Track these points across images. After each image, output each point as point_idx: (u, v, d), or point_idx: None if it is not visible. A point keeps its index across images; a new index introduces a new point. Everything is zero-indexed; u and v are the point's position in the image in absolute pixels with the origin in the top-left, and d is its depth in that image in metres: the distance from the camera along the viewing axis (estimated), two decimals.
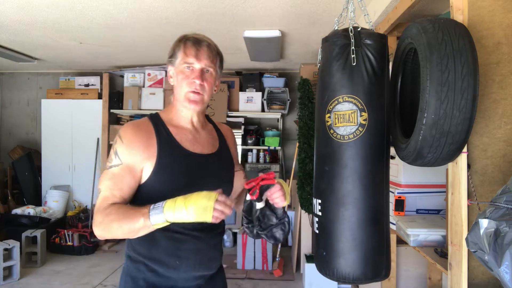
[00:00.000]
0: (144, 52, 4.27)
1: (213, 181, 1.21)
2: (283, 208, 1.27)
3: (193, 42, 1.22)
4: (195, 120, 1.29)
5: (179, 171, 1.19)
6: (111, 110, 5.12)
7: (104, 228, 1.08)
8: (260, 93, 4.98)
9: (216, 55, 1.27)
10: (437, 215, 2.19)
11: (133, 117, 5.23)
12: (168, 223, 1.04)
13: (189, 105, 1.22)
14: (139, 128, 1.19)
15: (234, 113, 4.98)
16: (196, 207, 0.99)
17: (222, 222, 1.30)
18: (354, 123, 1.36)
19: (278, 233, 1.26)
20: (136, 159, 1.14)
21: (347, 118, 1.37)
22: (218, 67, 1.28)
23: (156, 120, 1.24)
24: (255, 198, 1.21)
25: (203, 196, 1.01)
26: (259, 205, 1.24)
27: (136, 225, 1.04)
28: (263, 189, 1.22)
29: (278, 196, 1.20)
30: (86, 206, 5.08)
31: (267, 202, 1.25)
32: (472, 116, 1.17)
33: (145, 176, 1.16)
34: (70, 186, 5.20)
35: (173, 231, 1.16)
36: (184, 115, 1.27)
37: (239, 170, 1.43)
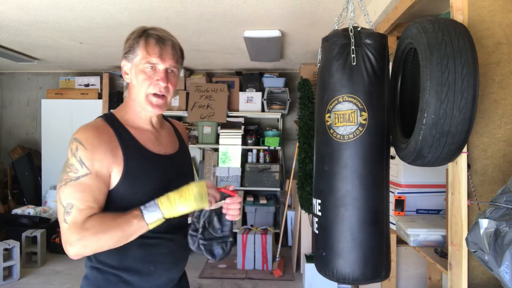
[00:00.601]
0: None
1: (180, 180, 1.14)
2: (231, 226, 1.23)
3: (156, 40, 1.12)
4: (154, 120, 1.23)
5: (148, 174, 1.13)
6: (111, 110, 5.10)
7: (86, 244, 1.00)
8: (260, 93, 4.98)
9: (180, 55, 1.19)
10: (437, 215, 2.19)
11: None
12: (163, 220, 1.03)
13: (152, 109, 1.15)
14: (100, 131, 1.10)
15: (234, 113, 4.98)
16: (195, 197, 1.02)
17: (186, 220, 1.30)
18: (354, 123, 1.36)
19: (217, 250, 1.21)
20: (104, 165, 1.06)
21: (347, 118, 1.37)
22: (180, 65, 1.21)
23: (113, 121, 1.16)
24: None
25: (195, 186, 1.05)
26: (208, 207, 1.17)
27: (130, 229, 1.00)
28: (221, 197, 1.18)
29: (234, 208, 1.17)
30: None
31: (217, 212, 1.21)
32: (472, 116, 1.17)
33: (113, 182, 1.08)
34: None
35: (144, 237, 1.09)
36: (143, 116, 1.19)
37: None
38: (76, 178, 1.04)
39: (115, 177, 1.08)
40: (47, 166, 5.22)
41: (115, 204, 1.09)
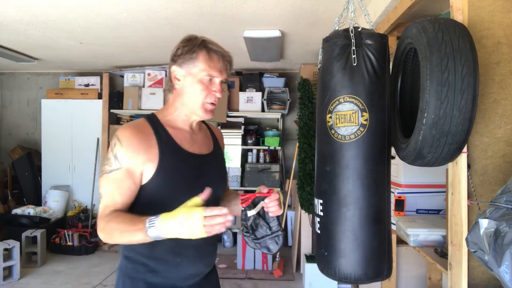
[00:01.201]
0: (144, 52, 4.27)
1: (211, 180, 1.25)
2: (278, 221, 1.29)
3: (218, 55, 1.24)
4: (194, 123, 1.31)
5: (181, 172, 1.20)
6: (111, 110, 5.13)
7: (107, 234, 1.10)
8: (260, 93, 4.98)
9: (230, 68, 1.30)
10: (437, 215, 2.19)
11: (133, 117, 5.23)
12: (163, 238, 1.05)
13: (206, 115, 1.25)
14: (138, 130, 1.17)
15: (234, 113, 4.98)
16: (188, 229, 0.99)
17: None
18: (355, 123, 1.36)
19: (272, 245, 1.28)
20: (137, 162, 1.14)
21: (348, 118, 1.37)
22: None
23: (153, 121, 1.24)
24: (245, 206, 1.25)
25: (189, 215, 0.99)
26: (250, 213, 1.25)
27: (135, 238, 1.06)
28: (258, 199, 1.26)
29: (273, 205, 1.23)
30: (86, 206, 5.08)
31: (261, 213, 1.28)
32: (472, 116, 1.17)
33: (146, 178, 1.16)
34: (70, 186, 5.20)
35: None
36: (185, 118, 1.27)
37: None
38: (109, 171, 1.14)
39: (149, 173, 1.15)
40: (47, 166, 5.22)
41: (145, 198, 1.17)
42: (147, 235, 1.03)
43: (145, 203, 1.16)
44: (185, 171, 1.21)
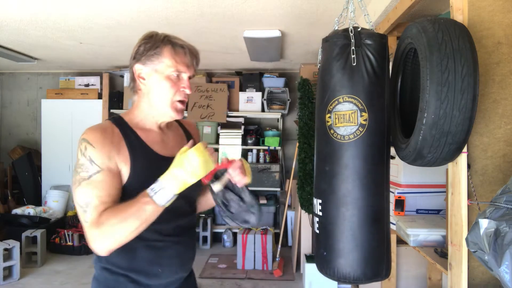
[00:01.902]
0: None
1: None
2: (248, 190, 1.21)
3: (183, 49, 1.17)
4: (163, 123, 1.25)
5: (153, 175, 1.10)
6: (111, 110, 5.13)
7: (106, 237, 1.01)
8: (260, 93, 4.98)
9: (197, 62, 1.23)
10: (437, 215, 2.19)
11: None
12: (176, 196, 1.03)
13: (176, 115, 1.18)
14: (107, 131, 1.11)
15: (234, 113, 4.98)
16: (200, 165, 1.00)
17: (194, 222, 1.34)
18: (355, 123, 1.36)
19: (248, 217, 1.21)
20: (113, 162, 1.08)
21: (347, 118, 1.37)
22: None
23: (121, 123, 1.17)
24: (207, 181, 1.15)
25: (196, 154, 1.01)
26: (215, 188, 1.17)
27: (145, 215, 1.00)
28: (221, 172, 1.17)
29: (236, 174, 1.14)
30: None
31: (230, 186, 1.20)
32: (472, 116, 1.17)
33: (122, 180, 1.11)
34: (70, 186, 5.20)
35: (152, 240, 1.13)
36: (153, 120, 1.21)
37: None
38: (88, 177, 1.05)
39: (124, 175, 1.10)
40: (47, 166, 5.22)
41: (127, 199, 1.10)
42: (156, 204, 1.00)
43: None
44: (157, 175, 1.10)
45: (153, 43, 1.15)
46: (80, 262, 4.29)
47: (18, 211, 4.65)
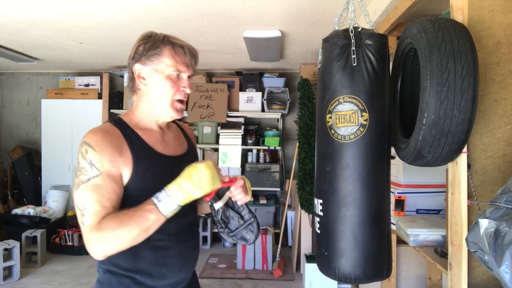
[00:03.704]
0: None
1: None
2: (248, 209, 1.25)
3: (183, 49, 1.18)
4: (163, 123, 1.26)
5: (157, 175, 1.13)
6: (111, 110, 5.13)
7: (105, 243, 1.00)
8: (260, 93, 4.98)
9: (196, 62, 1.25)
10: (437, 215, 2.19)
11: None
12: (179, 208, 1.04)
13: (176, 114, 1.19)
14: (108, 133, 1.10)
15: (234, 113, 4.98)
16: (207, 180, 1.02)
17: (197, 219, 1.35)
18: (355, 123, 1.36)
19: (248, 235, 1.24)
20: (114, 165, 1.07)
21: (348, 118, 1.37)
22: None
23: (121, 124, 1.17)
24: (209, 199, 1.19)
25: (203, 169, 1.02)
26: (217, 206, 1.20)
27: (147, 223, 1.00)
28: (223, 190, 1.20)
29: (238, 193, 1.17)
30: None
31: (230, 204, 1.24)
32: (472, 116, 1.17)
33: (124, 181, 1.10)
34: (70, 186, 5.20)
35: (156, 240, 1.12)
36: (153, 119, 1.21)
37: None
38: (87, 180, 1.05)
39: (126, 176, 1.10)
40: (47, 166, 5.22)
41: (129, 201, 1.10)
42: (161, 213, 1.00)
43: (129, 206, 1.08)
44: (161, 175, 1.13)
45: (153, 43, 1.15)
46: (80, 262, 4.29)
47: (18, 211, 4.65)
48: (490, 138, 1.31)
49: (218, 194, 1.21)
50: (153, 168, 1.13)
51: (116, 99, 5.13)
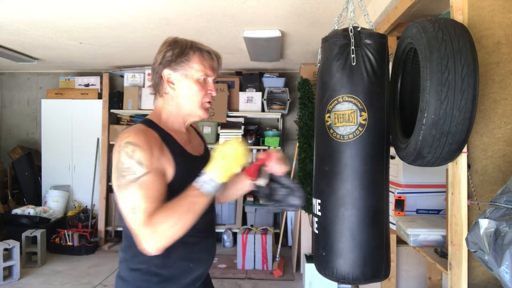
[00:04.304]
0: (144, 52, 4.27)
1: None
2: (287, 177, 1.30)
3: (211, 54, 1.25)
4: (188, 125, 1.32)
5: (193, 174, 1.15)
6: (111, 110, 5.13)
7: (160, 235, 1.02)
8: (260, 93, 4.98)
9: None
10: (437, 215, 2.19)
11: (133, 117, 5.23)
12: (223, 185, 1.12)
13: (205, 114, 1.26)
14: (149, 134, 1.14)
15: (234, 113, 4.98)
16: (242, 154, 1.11)
17: (215, 217, 1.40)
18: (354, 123, 1.36)
19: (294, 200, 1.28)
20: (159, 163, 1.11)
21: (347, 118, 1.37)
22: None
23: (154, 126, 1.20)
24: (254, 180, 1.28)
25: (235, 143, 1.12)
26: (262, 183, 1.27)
27: (197, 207, 1.07)
28: (262, 168, 1.28)
29: (277, 166, 1.27)
30: (86, 206, 5.08)
31: (272, 177, 1.29)
32: (472, 116, 1.17)
33: (167, 180, 1.14)
34: (70, 186, 5.20)
35: (187, 235, 1.13)
36: (181, 121, 1.26)
37: None
38: (136, 179, 1.06)
39: (168, 175, 1.14)
40: (47, 166, 5.22)
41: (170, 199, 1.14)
42: (206, 194, 1.08)
43: None
44: (195, 174, 1.15)
45: (181, 49, 1.21)
46: (80, 262, 4.29)
47: (18, 211, 4.65)
48: (490, 138, 1.31)
49: (259, 171, 1.28)
50: (189, 168, 1.19)
51: (116, 99, 5.13)
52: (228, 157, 1.10)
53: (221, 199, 1.44)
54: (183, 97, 1.22)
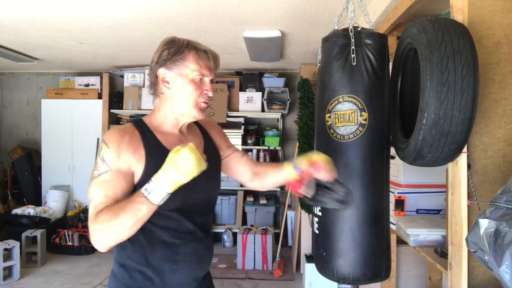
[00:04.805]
0: (144, 52, 4.27)
1: (202, 183, 1.17)
2: (336, 181, 1.26)
3: (207, 54, 1.22)
4: (184, 126, 1.28)
5: None
6: (111, 110, 5.12)
7: (103, 234, 1.04)
8: (260, 93, 4.98)
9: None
10: (437, 215, 2.19)
11: (133, 117, 5.23)
12: (169, 195, 1.04)
13: (200, 114, 1.23)
14: (125, 132, 1.15)
15: (234, 113, 4.98)
16: (193, 165, 0.99)
17: (211, 220, 1.36)
18: (354, 122, 1.36)
19: (344, 197, 1.25)
20: (125, 162, 1.11)
21: (347, 117, 1.37)
22: None
23: (141, 125, 1.21)
24: (301, 196, 1.24)
25: (188, 153, 0.99)
26: (310, 194, 1.24)
27: (140, 214, 1.02)
28: (310, 181, 1.24)
29: (324, 175, 1.20)
30: (86, 206, 5.07)
31: (319, 183, 1.26)
32: (472, 116, 1.17)
33: (135, 179, 1.14)
34: (70, 186, 5.20)
35: (167, 236, 1.16)
36: (174, 121, 1.24)
37: (232, 153, 1.41)
38: (98, 175, 1.11)
39: (137, 175, 1.13)
40: (47, 166, 5.21)
41: None
42: (151, 203, 1.02)
43: None
44: None
45: (177, 48, 1.19)
46: (80, 262, 4.29)
47: (18, 211, 4.65)
48: (490, 138, 1.31)
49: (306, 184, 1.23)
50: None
51: (116, 99, 5.13)
52: (178, 165, 0.99)
53: (261, 187, 1.40)
54: (178, 97, 1.20)
